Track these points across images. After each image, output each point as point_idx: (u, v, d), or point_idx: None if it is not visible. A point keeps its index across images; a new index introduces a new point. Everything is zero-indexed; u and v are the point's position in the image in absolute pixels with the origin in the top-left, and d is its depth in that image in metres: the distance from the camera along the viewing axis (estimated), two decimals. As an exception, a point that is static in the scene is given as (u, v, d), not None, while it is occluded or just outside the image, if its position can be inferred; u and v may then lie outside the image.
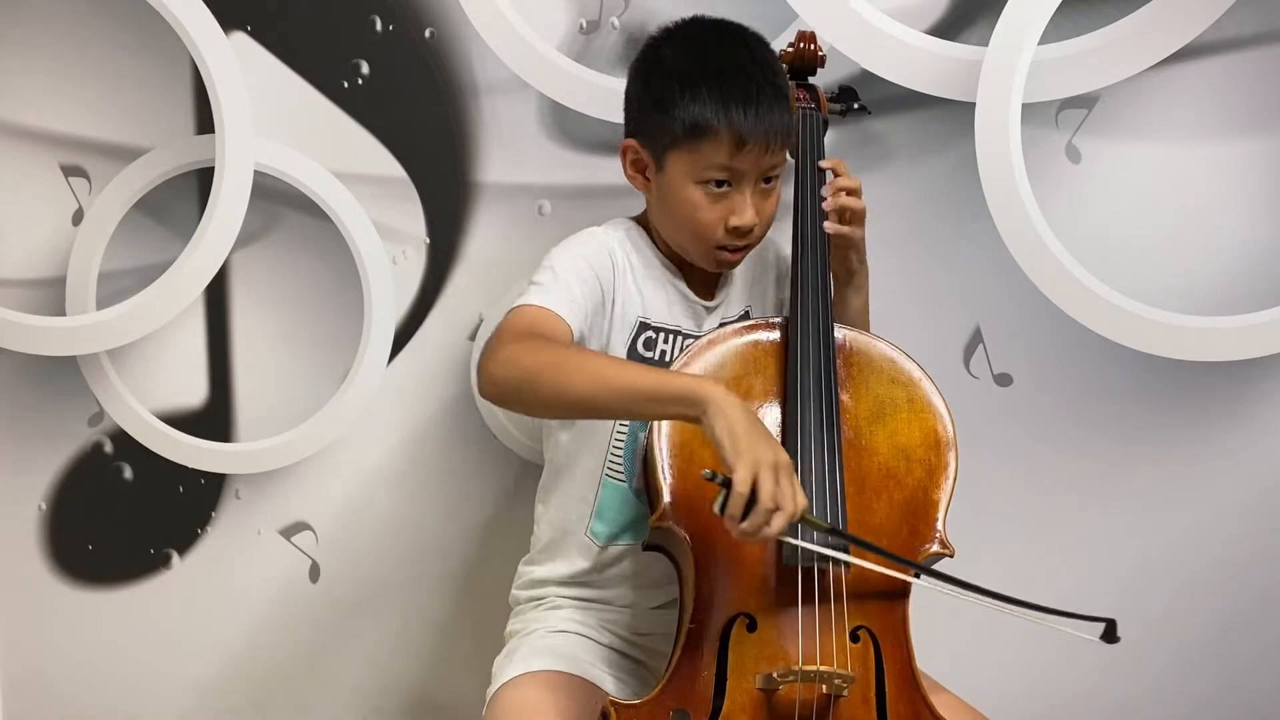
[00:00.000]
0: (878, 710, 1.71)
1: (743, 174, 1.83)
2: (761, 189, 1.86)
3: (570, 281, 1.83)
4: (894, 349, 1.87)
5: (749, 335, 1.84)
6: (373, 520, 2.34)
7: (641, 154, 1.89)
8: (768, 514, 1.58)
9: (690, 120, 1.82)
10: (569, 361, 1.71)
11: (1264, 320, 2.18)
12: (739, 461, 1.58)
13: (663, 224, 1.92)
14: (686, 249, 1.91)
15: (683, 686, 1.70)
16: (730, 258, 1.90)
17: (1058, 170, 2.23)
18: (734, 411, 1.61)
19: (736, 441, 1.59)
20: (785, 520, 1.58)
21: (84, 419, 2.34)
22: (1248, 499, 2.27)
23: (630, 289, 1.91)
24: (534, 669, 1.84)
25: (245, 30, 2.25)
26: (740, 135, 1.81)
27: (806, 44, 2.05)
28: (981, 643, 2.24)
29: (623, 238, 1.94)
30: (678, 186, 1.86)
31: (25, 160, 2.29)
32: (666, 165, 1.86)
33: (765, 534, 1.59)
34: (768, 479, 1.57)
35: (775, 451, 1.60)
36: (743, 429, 1.60)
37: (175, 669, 2.37)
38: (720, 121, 1.81)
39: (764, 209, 1.87)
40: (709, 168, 1.83)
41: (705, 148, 1.82)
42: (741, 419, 1.61)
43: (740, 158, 1.82)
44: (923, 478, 1.81)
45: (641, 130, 1.90)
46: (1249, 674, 2.30)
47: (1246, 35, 2.20)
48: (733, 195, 1.84)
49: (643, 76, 1.91)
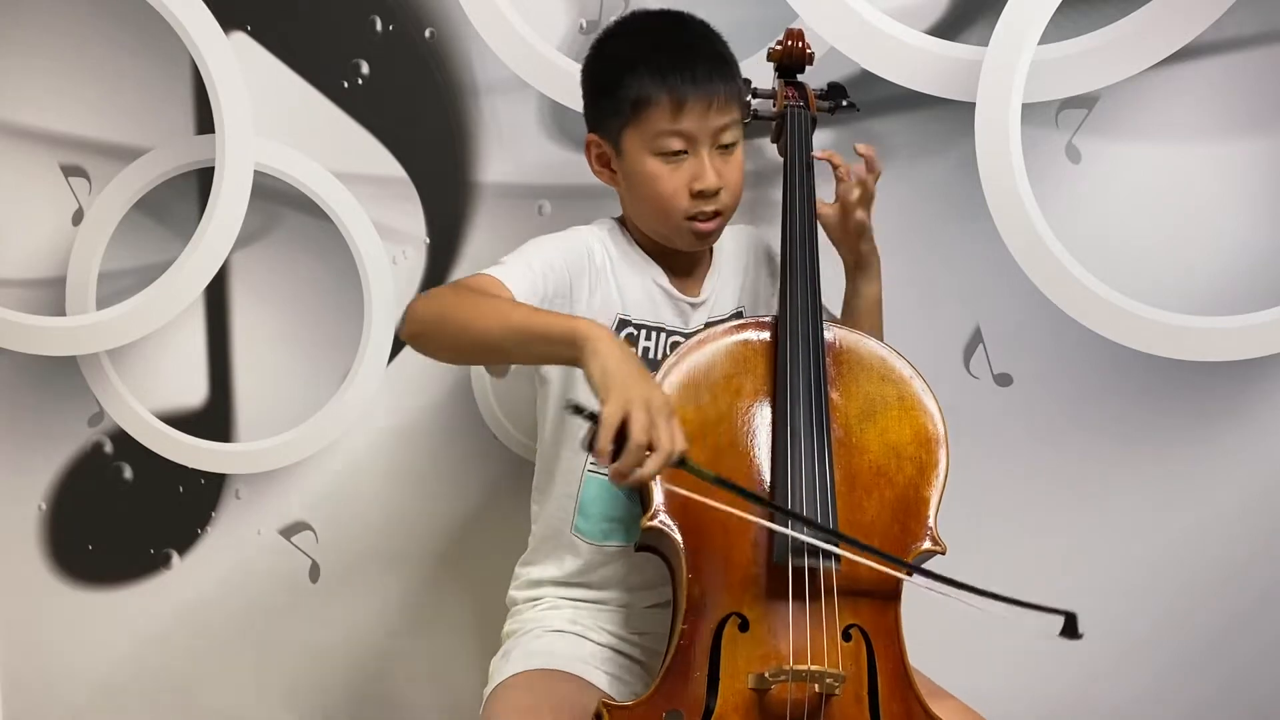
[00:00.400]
0: (870, 709, 1.71)
1: (694, 138, 1.87)
2: (720, 153, 1.89)
3: (534, 264, 1.86)
4: (884, 347, 1.87)
5: (738, 334, 1.84)
6: (373, 520, 2.34)
7: (602, 145, 1.94)
8: (640, 450, 1.57)
9: (633, 96, 1.87)
10: (479, 303, 1.75)
11: (1264, 320, 2.18)
12: (609, 396, 1.58)
13: (635, 211, 1.95)
14: (660, 229, 1.93)
15: (675, 687, 1.70)
16: (703, 227, 1.91)
17: (1058, 170, 2.23)
18: (608, 349, 1.62)
19: (608, 378, 1.59)
20: (661, 460, 1.57)
21: (84, 419, 2.34)
22: (1248, 499, 2.27)
23: (609, 286, 1.93)
24: (530, 669, 1.85)
25: (245, 30, 2.25)
26: (679, 97, 1.85)
27: (795, 41, 2.06)
28: (981, 643, 2.24)
29: (605, 236, 1.96)
30: (636, 163, 1.89)
31: (25, 160, 2.30)
32: (623, 147, 1.91)
33: (639, 475, 1.58)
34: (640, 414, 1.57)
35: (650, 389, 1.60)
36: (616, 366, 1.60)
37: (175, 669, 2.37)
38: (659, 89, 1.86)
39: (726, 173, 1.90)
40: (658, 135, 1.87)
41: (650, 117, 1.87)
42: (616, 357, 1.61)
43: (684, 119, 1.86)
44: (914, 475, 1.81)
45: (596, 122, 1.95)
46: (1249, 674, 2.30)
47: (1246, 35, 2.19)
48: (689, 161, 1.88)
49: (590, 71, 1.97)
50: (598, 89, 1.94)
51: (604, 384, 1.59)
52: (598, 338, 1.64)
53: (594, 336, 1.64)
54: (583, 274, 1.91)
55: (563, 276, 1.88)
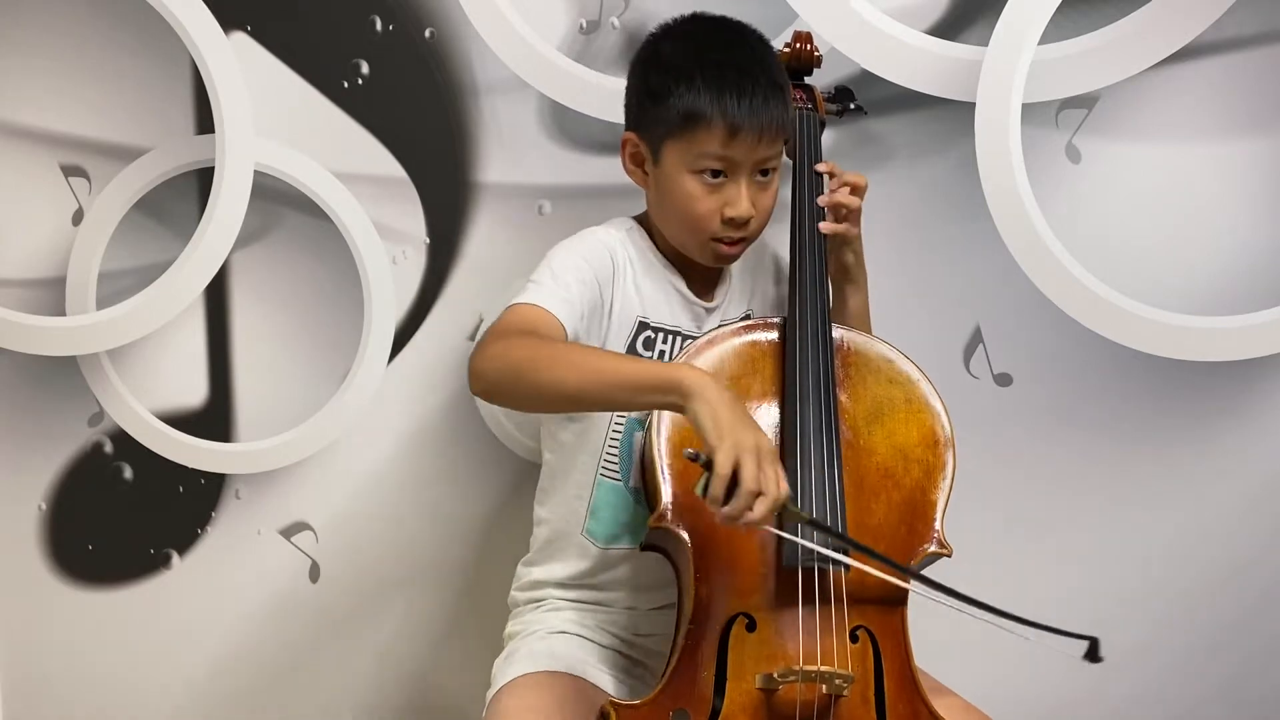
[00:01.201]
0: (877, 710, 1.71)
1: (737, 164, 1.85)
2: (758, 181, 1.87)
3: (569, 281, 1.84)
4: (891, 349, 1.87)
5: (747, 335, 1.84)
6: (373, 520, 2.33)
7: (640, 147, 1.91)
8: (750, 498, 1.57)
9: (685, 109, 1.84)
10: (556, 354, 1.73)
11: (1264, 320, 2.18)
12: (721, 444, 1.58)
13: (660, 218, 1.93)
14: (684, 242, 1.92)
15: (682, 687, 1.70)
16: (727, 250, 1.90)
17: (1058, 170, 2.23)
18: (716, 396, 1.61)
19: (719, 425, 1.59)
20: (768, 506, 1.58)
21: (84, 419, 2.33)
22: (1248, 499, 2.27)
23: (629, 289, 1.92)
24: (533, 670, 1.84)
25: (245, 30, 2.25)
26: (733, 124, 1.82)
27: (803, 44, 2.06)
28: (983, 644, 2.23)
29: (624, 238, 1.94)
30: (674, 177, 1.87)
31: (25, 160, 2.29)
32: (663, 157, 1.88)
33: (748, 519, 1.58)
34: (750, 463, 1.57)
35: (758, 436, 1.60)
36: (725, 414, 1.60)
37: (175, 669, 2.37)
38: (714, 110, 1.82)
39: (760, 201, 1.88)
40: (703, 156, 1.84)
41: (699, 136, 1.83)
42: (724, 404, 1.61)
43: (734, 146, 1.83)
44: (920, 478, 1.81)
45: (639, 123, 1.92)
46: (1249, 674, 2.30)
47: (1246, 35, 2.20)
48: (728, 186, 1.86)
49: (641, 70, 1.93)
50: (647, 91, 1.90)
51: (715, 431, 1.59)
52: (702, 385, 1.63)
53: (698, 385, 1.63)
54: (609, 279, 1.90)
55: (593, 287, 1.87)
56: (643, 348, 1.92)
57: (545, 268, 1.87)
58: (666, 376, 1.66)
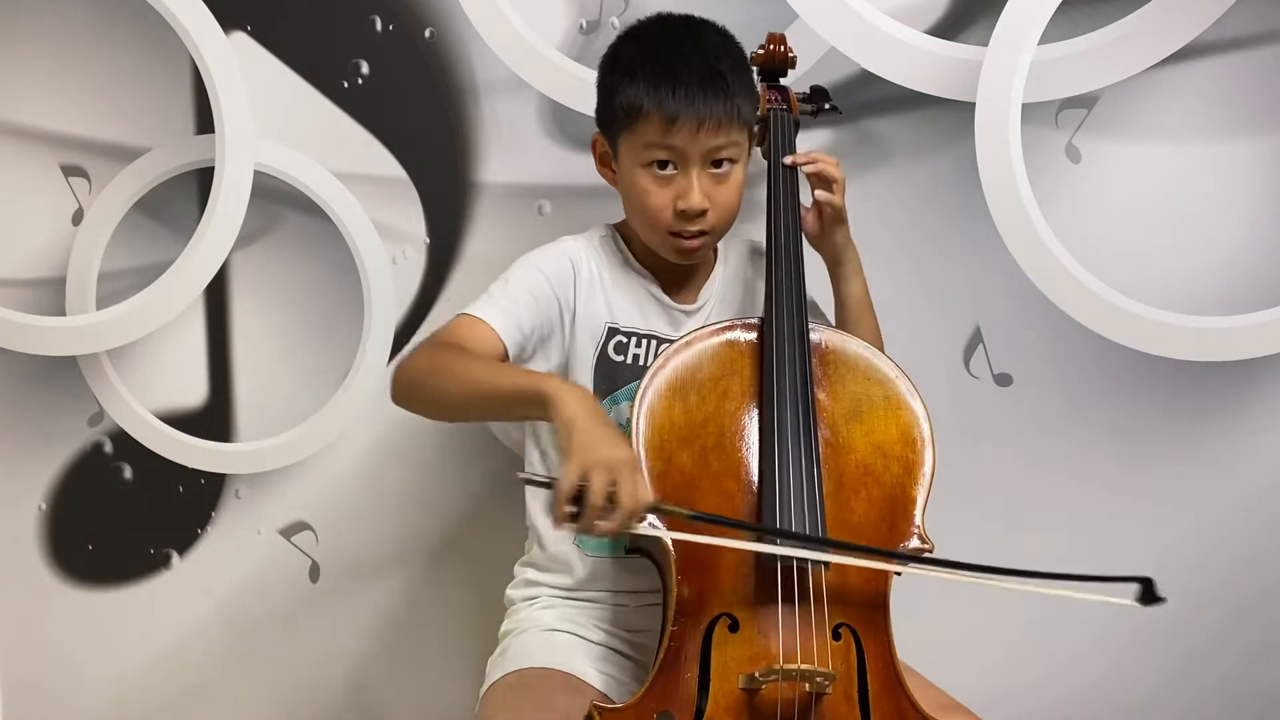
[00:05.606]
0: (860, 707, 1.71)
1: (684, 154, 1.85)
2: (711, 173, 1.87)
3: (518, 294, 1.88)
4: (868, 347, 1.87)
5: (724, 336, 1.84)
6: (373, 520, 2.34)
7: (605, 146, 1.94)
8: (598, 511, 1.58)
9: (626, 103, 1.86)
10: (452, 367, 1.77)
11: (1264, 320, 2.18)
12: (568, 460, 1.59)
13: (628, 215, 1.96)
14: (648, 239, 1.93)
15: (666, 688, 1.69)
16: (686, 244, 1.90)
17: (1058, 170, 2.23)
18: (574, 409, 1.63)
19: (570, 441, 1.60)
20: (623, 517, 1.59)
21: (84, 419, 2.34)
22: (1248, 499, 2.27)
23: (596, 298, 1.93)
24: (524, 667, 1.85)
25: (245, 30, 2.25)
26: (670, 113, 1.83)
27: (776, 46, 2.05)
28: (982, 642, 2.24)
29: (594, 247, 1.96)
30: (628, 170, 1.90)
31: (25, 160, 2.30)
32: (619, 152, 1.91)
33: (601, 530, 1.60)
34: (599, 477, 1.57)
35: (612, 450, 1.60)
36: (581, 427, 1.61)
37: (175, 669, 2.37)
38: (649, 101, 1.84)
39: (716, 194, 1.88)
40: (648, 147, 1.86)
41: (639, 128, 1.86)
42: (581, 417, 1.62)
43: (674, 135, 1.84)
44: (900, 474, 1.80)
45: (600, 122, 1.95)
46: (1250, 674, 2.30)
47: (1246, 35, 2.20)
48: (678, 178, 1.87)
49: (600, 70, 1.95)
50: (602, 89, 1.93)
51: (565, 446, 1.60)
52: (561, 396, 1.64)
53: (557, 396, 1.65)
54: (569, 288, 1.92)
55: (548, 298, 1.90)
56: (614, 352, 1.93)
57: (502, 277, 1.91)
58: (531, 387, 1.69)
